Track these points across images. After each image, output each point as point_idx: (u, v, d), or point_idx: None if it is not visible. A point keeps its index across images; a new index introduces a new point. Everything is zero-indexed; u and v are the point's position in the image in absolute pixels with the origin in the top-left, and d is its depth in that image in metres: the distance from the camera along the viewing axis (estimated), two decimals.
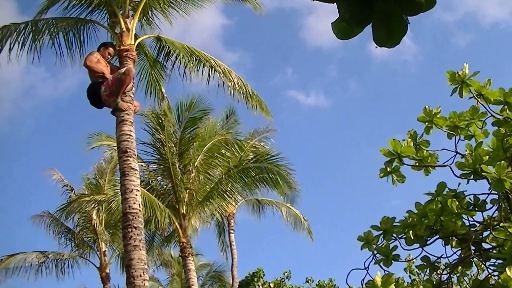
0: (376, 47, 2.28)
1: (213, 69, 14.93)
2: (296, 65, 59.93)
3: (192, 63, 14.81)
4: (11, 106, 56.90)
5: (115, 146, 13.87)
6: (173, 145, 20.75)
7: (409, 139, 4.53)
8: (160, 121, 20.16)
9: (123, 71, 12.19)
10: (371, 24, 2.24)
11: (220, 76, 14.95)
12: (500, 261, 4.16)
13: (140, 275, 11.04)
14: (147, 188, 20.58)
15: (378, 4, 2.17)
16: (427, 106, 4.58)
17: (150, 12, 14.96)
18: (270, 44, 61.04)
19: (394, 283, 3.50)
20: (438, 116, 4.55)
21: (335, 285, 23.45)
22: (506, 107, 4.40)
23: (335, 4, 2.22)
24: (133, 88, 13.14)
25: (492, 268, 4.17)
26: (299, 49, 59.49)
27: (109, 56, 12.71)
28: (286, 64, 61.97)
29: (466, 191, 4.34)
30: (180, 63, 14.88)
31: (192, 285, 19.76)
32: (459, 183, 4.33)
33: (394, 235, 4.42)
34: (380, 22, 2.21)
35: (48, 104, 57.02)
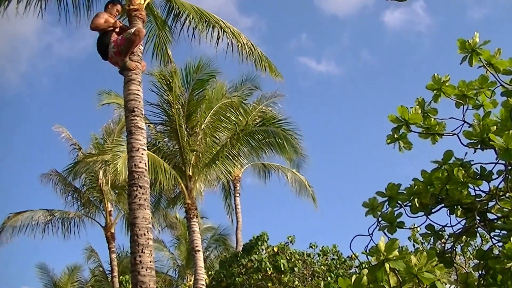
0: (387, 0, 2.24)
1: (222, 30, 14.84)
2: (310, 31, 59.60)
3: (202, 25, 14.71)
4: (27, 64, 57.05)
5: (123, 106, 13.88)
6: (180, 107, 20.73)
7: (417, 107, 4.50)
8: (167, 82, 20.12)
9: (132, 31, 12.16)
10: None
11: (229, 37, 14.86)
12: (504, 232, 4.15)
13: (144, 234, 11.09)
14: (154, 149, 20.64)
15: None
16: (435, 74, 4.53)
17: None
18: (285, 9, 60.59)
19: (397, 249, 3.49)
20: (446, 84, 4.51)
21: (338, 251, 23.53)
22: None
23: None
24: (142, 48, 13.11)
25: (496, 238, 4.17)
26: (314, 15, 59.13)
27: (117, 14, 12.67)
28: (300, 30, 61.60)
29: (473, 160, 4.32)
30: (190, 25, 14.79)
31: (196, 246, 19.89)
32: (466, 152, 4.31)
33: (399, 202, 4.40)
34: None
35: (63, 64, 57.10)
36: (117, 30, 12.12)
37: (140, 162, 11.71)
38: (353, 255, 20.61)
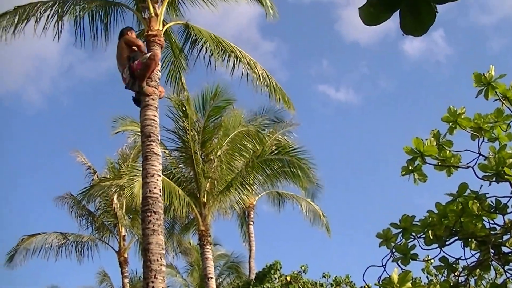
0: (403, 35, 2.26)
1: (238, 59, 14.91)
2: (331, 58, 59.81)
3: (218, 53, 14.79)
4: (50, 84, 57.69)
5: (139, 132, 13.96)
6: (196, 133, 20.80)
7: (432, 139, 4.51)
8: (183, 108, 20.22)
9: (148, 55, 12.32)
10: (399, 10, 2.21)
11: (245, 67, 14.93)
12: None
13: (157, 260, 11.10)
14: (168, 175, 20.67)
15: None
16: (451, 106, 4.55)
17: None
18: (307, 35, 60.87)
19: (411, 281, 3.49)
20: (462, 116, 4.52)
21: (351, 281, 23.35)
22: None
23: None
24: (159, 73, 13.22)
25: (510, 272, 4.14)
26: (336, 42, 59.35)
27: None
28: (321, 56, 61.81)
29: (488, 193, 4.31)
30: (206, 51, 14.88)
31: (209, 273, 19.84)
32: (481, 185, 4.30)
33: (413, 234, 4.39)
34: (408, 9, 2.19)
35: (84, 85, 57.65)
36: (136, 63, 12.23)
37: (155, 188, 11.75)
38: (366, 286, 20.45)
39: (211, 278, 19.94)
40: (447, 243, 4.37)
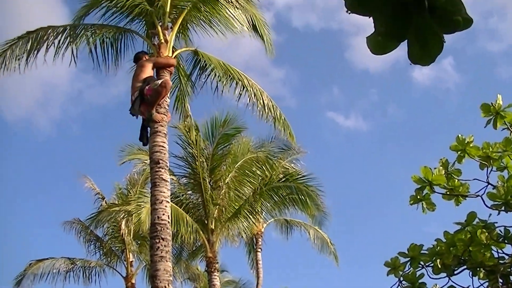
0: (411, 64, 2.28)
1: (245, 89, 14.91)
2: (341, 85, 59.88)
3: (226, 79, 14.82)
4: (59, 111, 57.94)
5: (146, 160, 13.93)
6: (204, 160, 20.84)
7: (441, 167, 4.52)
8: (189, 134, 20.24)
9: (159, 82, 12.28)
10: (406, 40, 2.23)
11: (251, 97, 14.94)
12: None
13: (165, 286, 11.06)
14: (177, 201, 20.66)
15: (414, 19, 2.17)
16: (460, 135, 4.56)
17: (188, 26, 15.06)
18: (317, 62, 61.06)
19: None
20: (471, 145, 4.53)
21: None
22: None
23: (371, 18, 2.23)
24: (168, 100, 13.27)
25: None
26: (345, 69, 59.49)
27: None
28: (331, 84, 61.88)
29: (496, 222, 4.31)
30: (214, 78, 14.90)
31: None
32: (490, 214, 4.30)
33: (422, 262, 4.39)
34: (415, 38, 2.20)
35: (93, 111, 57.82)
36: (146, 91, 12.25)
37: (163, 214, 11.75)
38: None
39: None
40: (455, 272, 4.36)
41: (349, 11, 2.18)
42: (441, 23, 2.16)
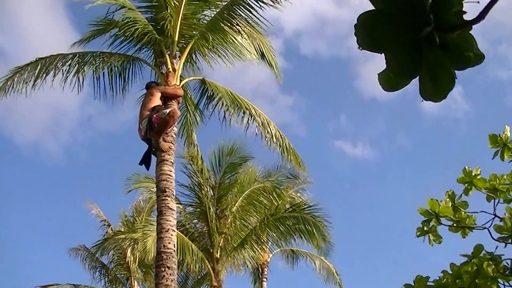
0: (422, 100, 2.28)
1: (252, 118, 14.92)
2: (349, 114, 59.88)
3: (233, 109, 14.82)
4: (68, 136, 58.15)
5: (152, 188, 13.91)
6: (211, 189, 20.83)
7: (447, 199, 4.51)
8: (193, 162, 20.26)
9: (167, 111, 12.30)
10: (418, 76, 2.24)
11: (258, 127, 14.93)
12: None
13: None
14: (182, 229, 20.62)
15: (426, 56, 2.17)
16: (466, 167, 4.56)
17: (196, 55, 15.12)
18: (326, 90, 61.15)
19: None
20: (478, 177, 4.53)
21: None
22: None
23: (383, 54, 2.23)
24: (175, 129, 13.30)
25: None
26: (354, 98, 59.51)
27: None
28: (339, 112, 61.86)
29: (503, 255, 4.30)
30: (221, 108, 14.90)
31: None
32: (497, 246, 4.29)
33: None
34: (427, 75, 2.20)
35: (102, 137, 58.00)
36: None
37: (169, 243, 11.73)
38: None
39: None
40: None
41: (361, 48, 2.19)
42: (453, 59, 2.17)
